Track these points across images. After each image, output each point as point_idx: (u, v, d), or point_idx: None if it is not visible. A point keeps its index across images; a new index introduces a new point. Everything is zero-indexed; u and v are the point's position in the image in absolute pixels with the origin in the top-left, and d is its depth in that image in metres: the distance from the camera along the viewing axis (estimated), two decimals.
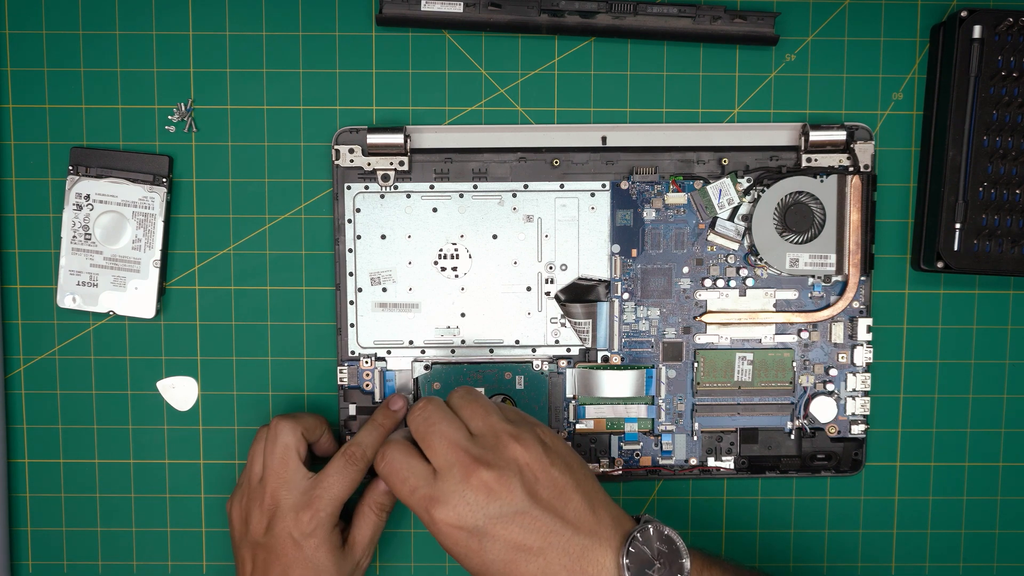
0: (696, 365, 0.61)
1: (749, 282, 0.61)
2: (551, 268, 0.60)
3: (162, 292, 0.60)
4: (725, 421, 0.61)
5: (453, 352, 0.60)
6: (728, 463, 0.61)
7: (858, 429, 0.61)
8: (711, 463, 0.61)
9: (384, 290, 0.60)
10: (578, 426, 0.61)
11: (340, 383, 0.60)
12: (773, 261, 0.60)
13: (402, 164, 0.59)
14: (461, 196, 0.60)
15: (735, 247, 0.60)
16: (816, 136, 0.59)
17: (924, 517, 0.63)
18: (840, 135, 0.59)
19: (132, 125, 0.60)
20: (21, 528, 0.62)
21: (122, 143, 0.60)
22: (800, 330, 0.61)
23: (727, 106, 0.61)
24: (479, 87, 0.60)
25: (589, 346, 0.61)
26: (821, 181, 0.59)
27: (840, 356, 0.61)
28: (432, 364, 0.60)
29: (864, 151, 0.59)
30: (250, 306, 0.61)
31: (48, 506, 0.62)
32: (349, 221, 0.59)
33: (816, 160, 0.59)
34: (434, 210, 0.60)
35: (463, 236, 0.60)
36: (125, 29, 0.60)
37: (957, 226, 0.58)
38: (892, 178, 0.61)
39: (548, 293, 0.60)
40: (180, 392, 0.61)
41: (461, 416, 0.52)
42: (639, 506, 0.62)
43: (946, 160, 0.57)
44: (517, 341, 0.60)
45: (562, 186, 0.60)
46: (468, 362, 0.61)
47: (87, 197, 0.59)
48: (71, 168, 0.59)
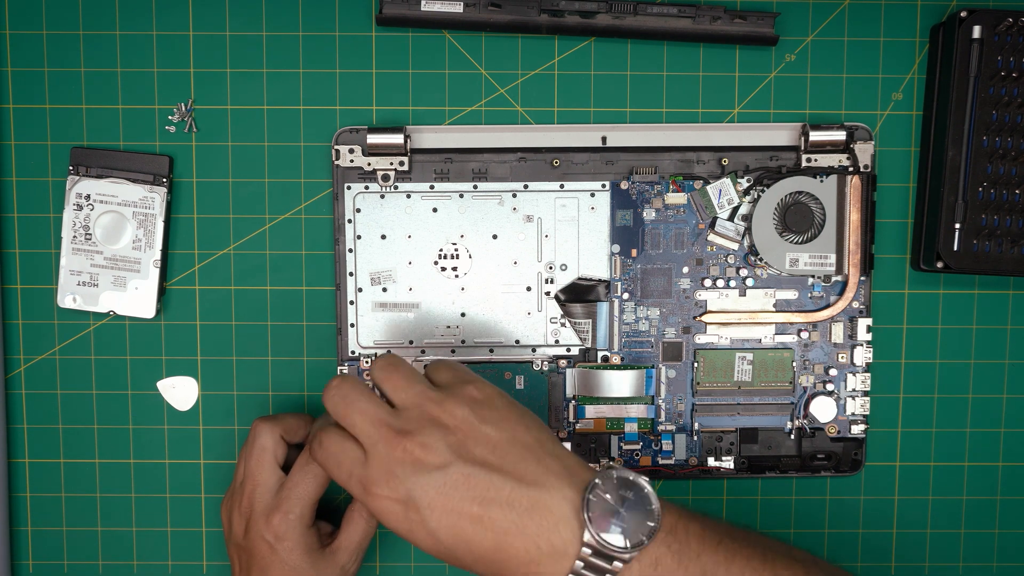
0: (696, 365, 0.61)
1: (749, 282, 0.61)
2: (551, 268, 0.60)
3: (162, 292, 0.60)
4: (725, 421, 0.61)
5: (453, 352, 0.60)
6: (728, 463, 0.61)
7: (858, 429, 0.61)
8: (711, 463, 0.61)
9: (384, 290, 0.60)
10: (578, 426, 0.61)
11: None
12: (773, 261, 0.60)
13: (402, 164, 0.59)
14: (461, 196, 0.60)
15: (735, 247, 0.60)
16: (816, 136, 0.59)
17: (924, 517, 0.63)
18: (840, 135, 0.59)
19: (132, 125, 0.60)
20: (21, 528, 0.62)
21: (122, 143, 0.60)
22: (800, 330, 0.61)
23: (727, 106, 0.61)
24: (479, 87, 0.60)
25: (589, 346, 0.61)
26: (821, 181, 0.59)
27: (840, 356, 0.61)
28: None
29: (864, 151, 0.59)
30: (250, 306, 0.61)
31: (48, 506, 0.62)
32: (349, 221, 0.59)
33: (816, 160, 0.59)
34: (434, 210, 0.60)
35: (463, 236, 0.60)
36: (125, 29, 0.60)
37: (957, 226, 0.58)
38: (892, 178, 0.61)
39: (548, 293, 0.60)
40: (180, 392, 0.62)
41: (383, 390, 0.50)
42: None
43: (946, 160, 0.57)
44: (517, 341, 0.60)
45: (562, 186, 0.60)
46: (468, 362, 0.61)
47: (87, 197, 0.59)
48: (71, 168, 0.59)
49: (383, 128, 0.59)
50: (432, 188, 0.59)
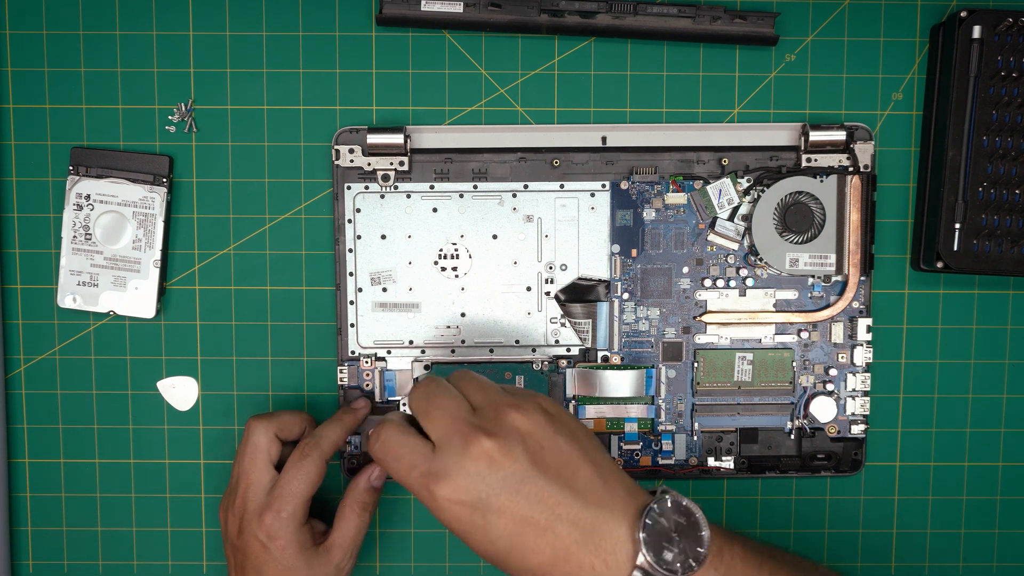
0: (696, 365, 0.61)
1: (749, 282, 0.61)
2: (551, 268, 0.60)
3: (162, 292, 0.60)
4: (725, 421, 0.61)
5: (453, 352, 0.60)
6: (728, 463, 0.61)
7: (858, 429, 0.61)
8: (711, 463, 0.61)
9: (384, 290, 0.60)
10: None
11: (340, 383, 0.60)
12: (773, 261, 0.60)
13: (402, 164, 0.59)
14: (461, 196, 0.60)
15: (735, 247, 0.60)
16: (816, 136, 0.59)
17: (924, 517, 0.63)
18: (840, 135, 0.59)
19: (132, 125, 0.60)
20: (21, 528, 0.62)
21: (122, 143, 0.60)
22: (800, 330, 0.61)
23: (727, 106, 0.61)
24: (479, 87, 0.60)
25: (589, 346, 0.61)
26: (821, 181, 0.59)
27: (840, 356, 0.61)
28: (432, 364, 0.61)
29: (864, 151, 0.59)
30: (250, 306, 0.61)
31: (48, 506, 0.62)
32: (349, 221, 0.59)
33: (816, 160, 0.59)
34: (434, 210, 0.60)
35: (463, 236, 0.60)
36: (125, 29, 0.60)
37: (957, 226, 0.58)
38: (892, 178, 0.61)
39: (548, 293, 0.60)
40: (180, 392, 0.62)
41: (461, 391, 0.50)
42: None
43: (946, 160, 0.57)
44: (517, 341, 0.60)
45: (562, 186, 0.60)
46: (468, 362, 0.61)
47: (87, 197, 0.59)
48: (71, 168, 0.59)
49: (383, 128, 0.59)
50: (432, 188, 0.59)
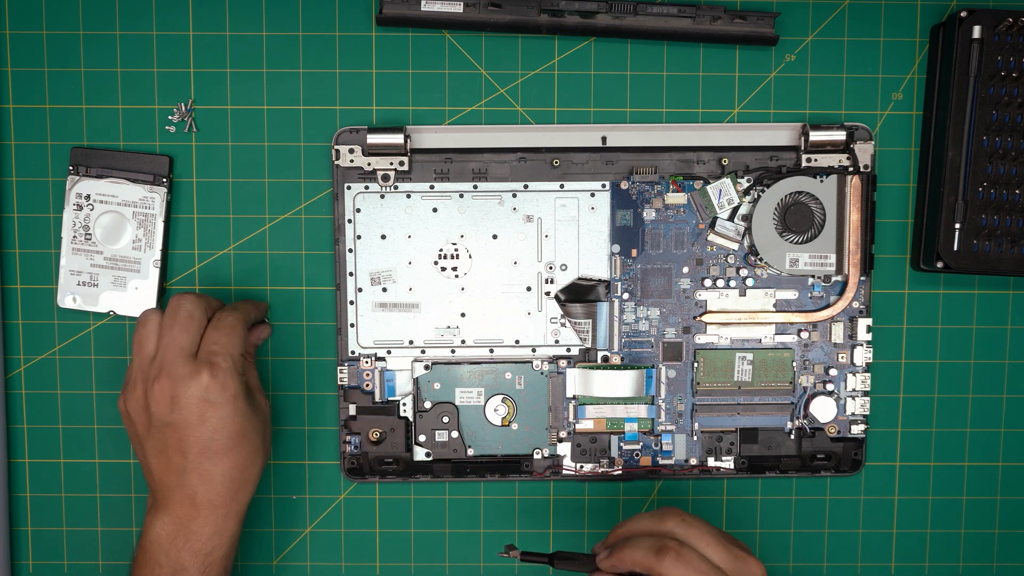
0: (696, 365, 0.61)
1: (749, 282, 0.61)
2: (551, 268, 0.60)
3: (162, 292, 0.60)
4: (725, 421, 0.61)
5: (453, 352, 0.60)
6: (728, 463, 0.61)
7: (858, 429, 0.61)
8: (711, 463, 0.61)
9: (384, 290, 0.60)
10: (578, 426, 0.61)
11: (340, 383, 0.60)
12: (773, 261, 0.60)
13: (402, 164, 0.59)
14: (461, 196, 0.60)
15: (735, 247, 0.60)
16: (816, 136, 0.59)
17: (924, 517, 0.63)
18: (840, 135, 0.59)
19: (132, 125, 0.60)
20: (21, 528, 0.62)
21: (122, 143, 0.60)
22: (800, 330, 0.61)
23: (727, 106, 0.61)
24: (479, 87, 0.60)
25: (589, 346, 0.61)
26: (821, 181, 0.59)
27: (840, 356, 0.61)
28: (432, 364, 0.61)
29: (864, 151, 0.59)
30: None
31: (48, 506, 0.62)
32: (349, 221, 0.59)
33: (816, 160, 0.59)
34: (434, 210, 0.60)
35: (463, 236, 0.60)
36: (125, 29, 0.60)
37: (957, 226, 0.58)
38: (892, 178, 0.61)
39: (548, 293, 0.60)
40: None
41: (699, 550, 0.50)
42: (639, 506, 0.63)
43: (946, 160, 0.57)
44: (517, 341, 0.60)
45: (562, 186, 0.60)
46: (468, 362, 0.61)
47: (87, 197, 0.59)
48: (71, 168, 0.59)
49: (383, 128, 0.59)
50: (432, 188, 0.59)
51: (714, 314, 0.60)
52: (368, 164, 0.59)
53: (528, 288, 0.60)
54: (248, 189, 0.60)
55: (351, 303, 0.60)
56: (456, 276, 0.60)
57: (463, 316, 0.60)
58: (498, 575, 0.63)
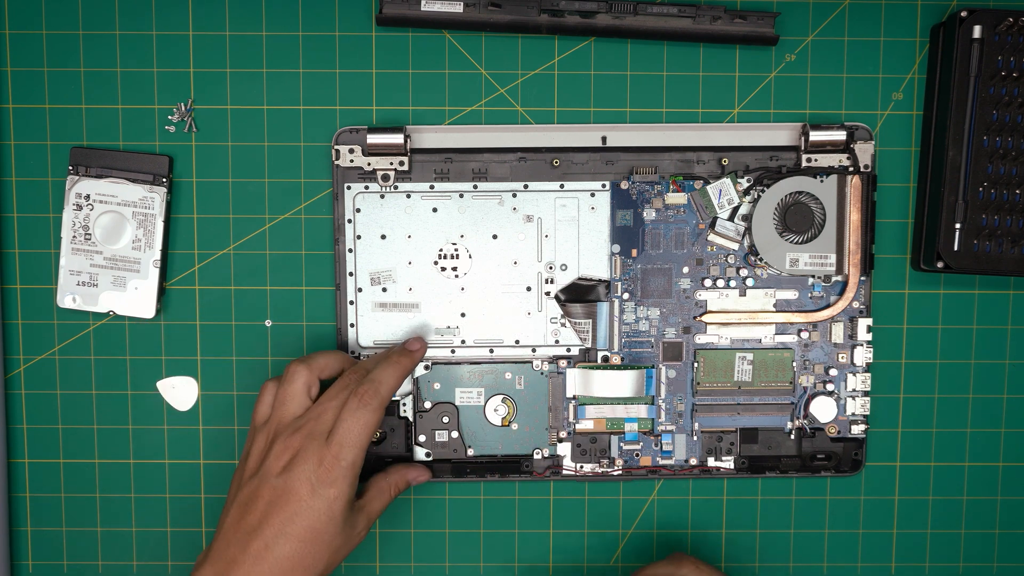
0: (696, 365, 0.61)
1: (749, 282, 0.61)
2: (551, 268, 0.60)
3: (162, 292, 0.60)
4: (725, 421, 0.61)
5: (453, 352, 0.60)
6: (728, 463, 0.61)
7: (858, 429, 0.61)
8: (711, 463, 0.61)
9: (384, 290, 0.60)
10: (578, 426, 0.61)
11: None
12: (773, 261, 0.60)
13: (402, 164, 0.59)
14: (461, 196, 0.60)
15: (735, 247, 0.60)
16: (816, 136, 0.59)
17: (924, 517, 0.63)
18: (840, 135, 0.59)
19: (132, 125, 0.60)
20: (21, 528, 0.62)
21: (122, 143, 0.60)
22: (800, 330, 0.61)
23: (727, 106, 0.61)
24: (479, 87, 0.60)
25: (589, 346, 0.61)
26: (821, 181, 0.59)
27: (840, 356, 0.61)
28: (432, 364, 0.61)
29: (864, 151, 0.59)
30: (250, 306, 0.61)
31: (48, 506, 0.62)
32: (349, 221, 0.59)
33: (816, 160, 0.59)
34: (434, 210, 0.60)
35: (463, 236, 0.60)
36: (125, 29, 0.60)
37: (957, 226, 0.58)
38: (892, 178, 0.61)
39: (548, 293, 0.60)
40: (180, 392, 0.61)
41: None
42: (639, 506, 0.63)
43: (946, 160, 0.57)
44: (517, 341, 0.60)
45: (562, 186, 0.60)
46: (468, 362, 0.61)
47: (87, 197, 0.59)
48: (71, 168, 0.59)
49: (383, 128, 0.59)
50: (432, 188, 0.59)
51: (714, 314, 0.60)
52: (368, 164, 0.59)
53: (528, 288, 0.60)
54: (248, 189, 0.60)
55: (351, 303, 0.60)
56: (456, 276, 0.60)
57: (463, 316, 0.60)
58: (498, 575, 0.63)
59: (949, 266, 0.58)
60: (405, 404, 0.60)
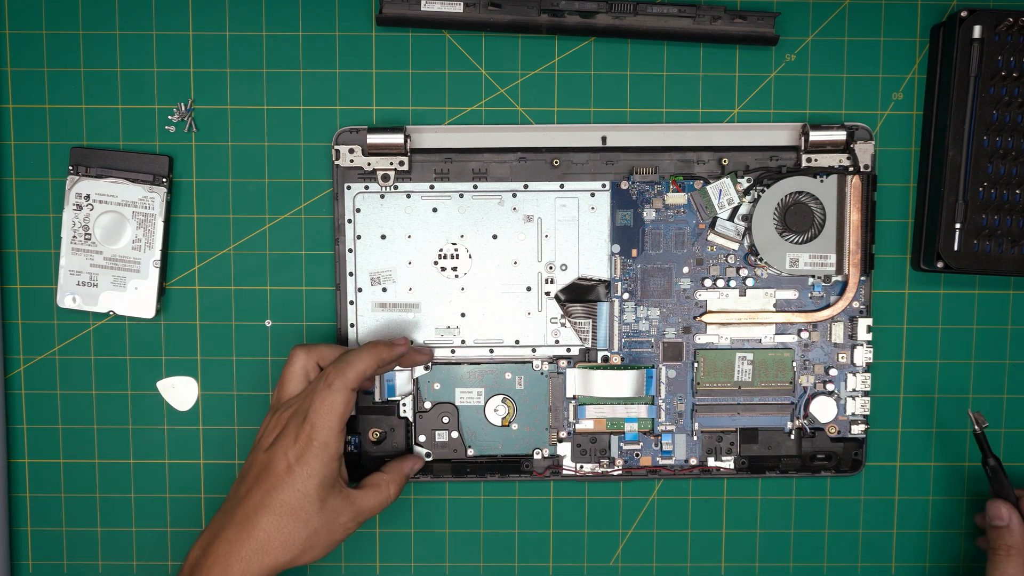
0: (696, 365, 0.61)
1: (749, 282, 0.61)
2: (551, 268, 0.60)
3: (162, 292, 0.60)
4: (725, 421, 0.61)
5: (453, 352, 0.60)
6: (728, 463, 0.61)
7: (858, 429, 0.61)
8: (711, 463, 0.61)
9: (384, 290, 0.60)
10: (578, 426, 0.61)
11: None
12: (773, 261, 0.60)
13: (402, 164, 0.59)
14: (461, 196, 0.60)
15: (735, 247, 0.60)
16: (816, 136, 0.59)
17: (924, 517, 0.63)
18: (840, 135, 0.59)
19: (132, 125, 0.60)
20: (21, 528, 0.62)
21: (122, 143, 0.60)
22: (800, 330, 0.61)
23: (727, 106, 0.61)
24: (479, 87, 0.60)
25: (589, 346, 0.61)
26: (821, 181, 0.59)
27: (840, 356, 0.61)
28: (432, 364, 0.60)
29: (864, 151, 0.59)
30: (250, 306, 0.61)
31: (48, 506, 0.62)
32: (349, 221, 0.59)
33: (816, 160, 0.59)
34: (434, 210, 0.60)
35: (463, 236, 0.60)
36: (125, 29, 0.60)
37: (957, 226, 0.58)
38: (892, 178, 0.61)
39: (548, 293, 0.60)
40: (180, 392, 0.61)
41: None
42: (639, 506, 0.63)
43: (946, 160, 0.57)
44: (517, 341, 0.60)
45: (562, 186, 0.60)
46: (468, 362, 0.61)
47: (87, 197, 0.59)
48: (71, 168, 0.59)
49: (383, 128, 0.59)
50: (432, 188, 0.59)
51: (714, 314, 0.60)
52: (368, 164, 0.59)
53: (528, 288, 0.60)
54: (248, 189, 0.60)
55: (351, 303, 0.60)
56: (456, 276, 0.60)
57: (463, 316, 0.60)
58: (499, 575, 0.63)
59: (949, 266, 0.58)
60: (405, 404, 0.60)
